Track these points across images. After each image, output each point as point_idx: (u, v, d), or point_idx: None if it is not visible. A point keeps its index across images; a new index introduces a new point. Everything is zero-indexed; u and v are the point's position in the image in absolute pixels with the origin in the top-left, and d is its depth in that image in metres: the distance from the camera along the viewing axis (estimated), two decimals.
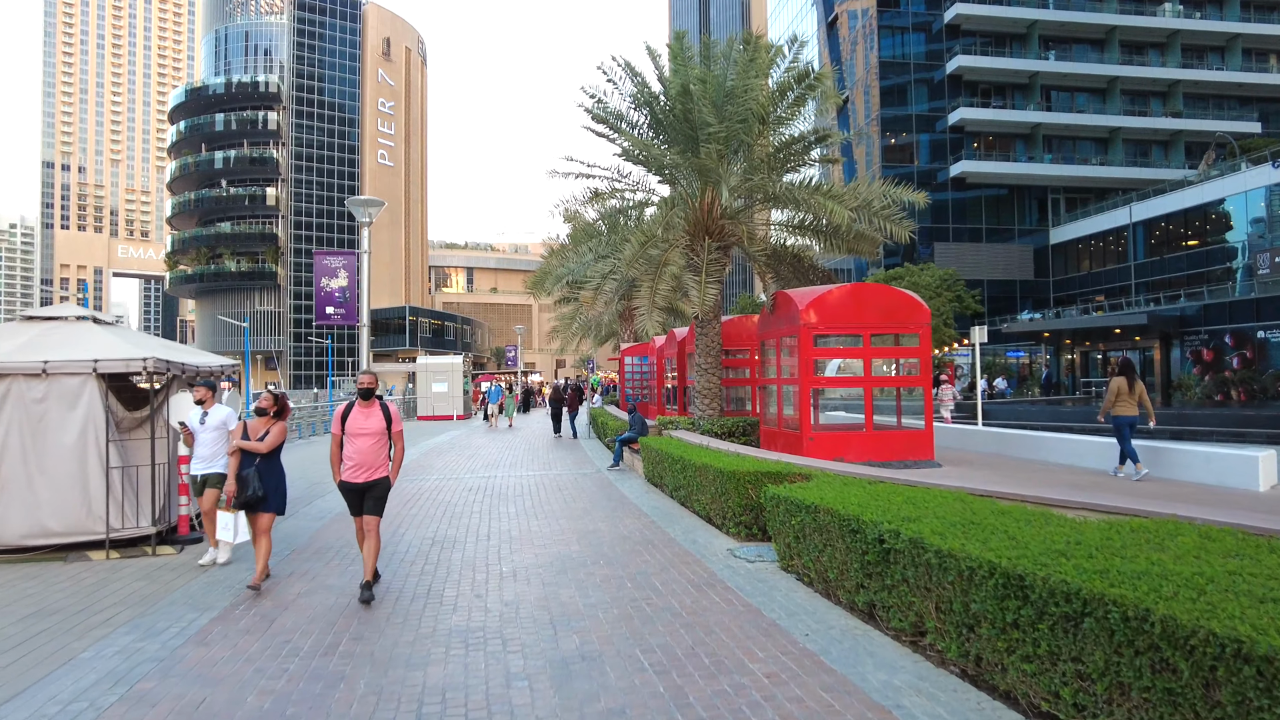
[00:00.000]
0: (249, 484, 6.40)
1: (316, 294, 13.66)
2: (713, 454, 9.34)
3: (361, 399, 6.30)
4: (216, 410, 7.62)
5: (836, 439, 11.54)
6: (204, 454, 7.58)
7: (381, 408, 6.35)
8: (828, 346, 12.78)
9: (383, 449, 6.26)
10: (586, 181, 14.17)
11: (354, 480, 6.19)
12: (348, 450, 6.19)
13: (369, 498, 6.23)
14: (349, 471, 6.19)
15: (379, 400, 6.41)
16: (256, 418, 6.68)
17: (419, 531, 8.79)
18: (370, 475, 6.20)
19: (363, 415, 6.25)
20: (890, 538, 4.82)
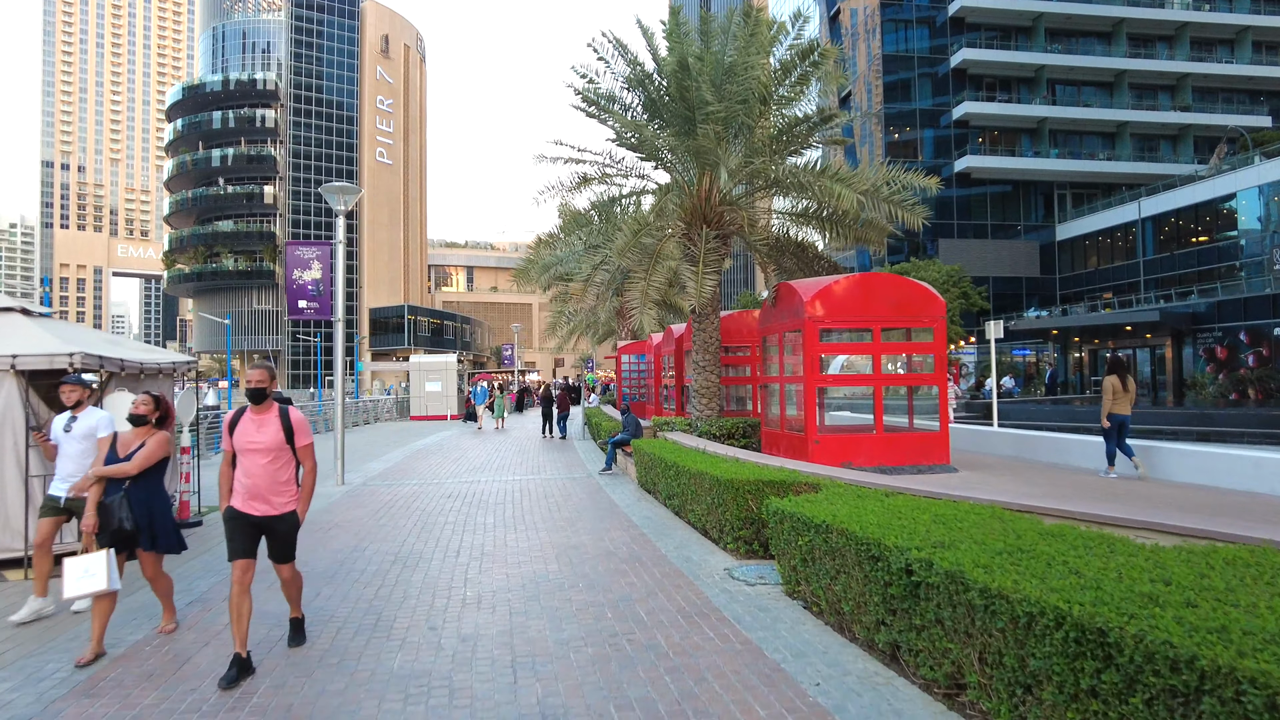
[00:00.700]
0: (114, 515, 4.88)
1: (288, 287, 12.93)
2: (709, 459, 8.47)
3: (251, 403, 4.76)
4: (89, 415, 5.95)
5: (844, 442, 10.66)
6: (67, 470, 5.78)
7: (280, 415, 4.77)
8: (834, 342, 11.92)
9: (286, 471, 4.76)
10: (576, 167, 13.32)
11: (247, 510, 4.66)
12: (239, 470, 4.71)
13: (271, 541, 4.77)
14: (241, 497, 4.67)
15: (278, 405, 4.85)
16: (132, 428, 5.25)
17: (383, 546, 7.93)
18: (267, 508, 4.66)
19: (253, 424, 4.71)
20: (921, 569, 3.95)
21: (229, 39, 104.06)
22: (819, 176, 11.16)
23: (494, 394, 26.43)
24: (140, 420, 5.19)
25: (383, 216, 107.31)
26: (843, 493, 6.05)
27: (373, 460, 16.62)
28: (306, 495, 4.92)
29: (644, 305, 11.45)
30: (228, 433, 4.77)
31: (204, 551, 7.90)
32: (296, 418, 4.84)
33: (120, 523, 4.89)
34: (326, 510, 10.27)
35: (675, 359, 18.04)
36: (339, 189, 12.71)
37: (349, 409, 31.95)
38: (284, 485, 4.75)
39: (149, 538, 5.06)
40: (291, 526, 4.83)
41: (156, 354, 9.15)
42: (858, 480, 6.99)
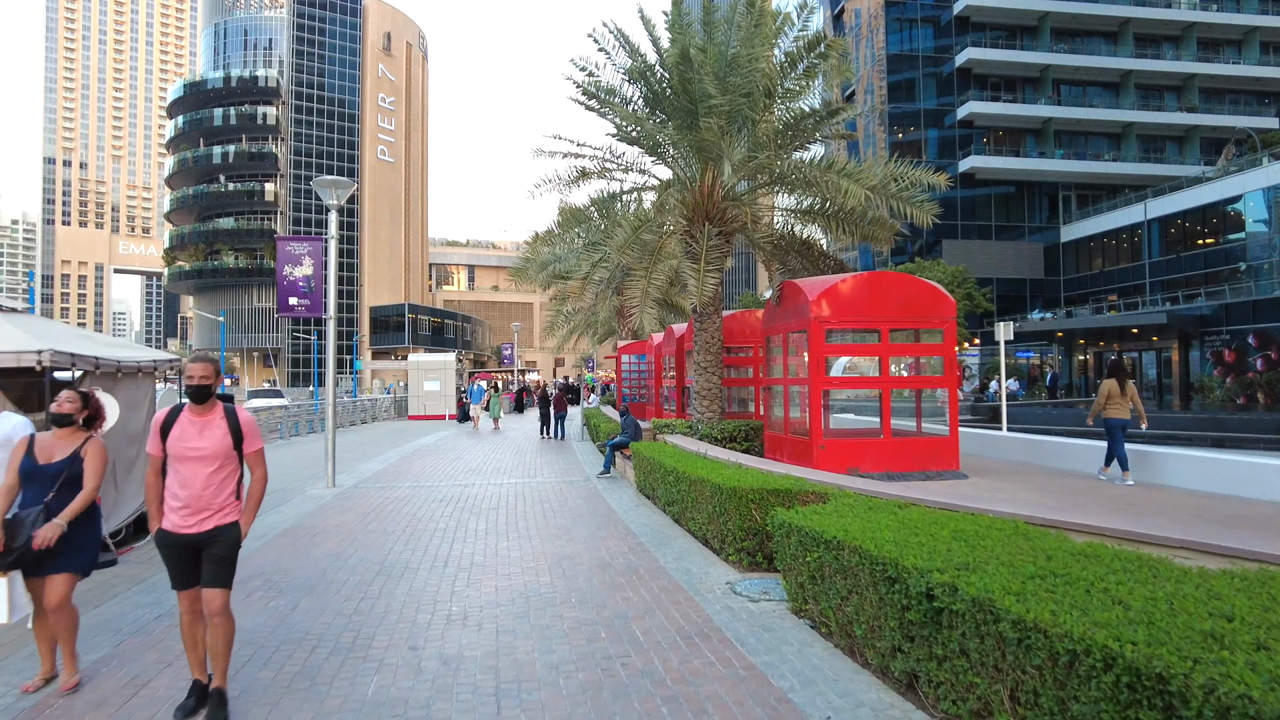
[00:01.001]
0: (23, 531, 4.11)
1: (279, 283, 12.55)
2: (710, 465, 8.11)
3: (193, 402, 4.04)
4: (3, 420, 5.29)
5: (850, 447, 10.29)
6: None
7: (226, 416, 4.09)
8: (841, 343, 11.55)
9: (230, 481, 4.05)
10: (575, 161, 12.94)
11: (181, 529, 3.90)
12: (172, 482, 3.95)
13: (206, 559, 3.93)
14: (174, 515, 3.91)
15: (223, 405, 4.16)
16: (55, 430, 4.47)
17: (368, 554, 7.57)
18: (204, 522, 3.92)
19: (194, 427, 3.98)
20: (944, 594, 3.59)
21: (231, 35, 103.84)
22: (825, 171, 10.79)
23: (490, 394, 25.89)
24: (65, 420, 4.46)
25: (384, 215, 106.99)
26: (853, 504, 5.68)
27: (367, 461, 16.28)
28: (253, 507, 4.14)
29: (644, 304, 11.09)
30: (159, 436, 4.00)
31: None
32: (245, 419, 4.15)
33: (24, 542, 4.09)
34: (314, 514, 9.92)
35: (676, 359, 17.68)
36: (331, 183, 12.36)
37: (346, 408, 31.58)
38: (226, 498, 4.03)
39: (65, 559, 4.23)
40: (231, 541, 4.01)
41: (135, 351, 8.80)
42: (868, 490, 6.63)
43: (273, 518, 9.72)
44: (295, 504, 10.82)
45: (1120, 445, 10.03)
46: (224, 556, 3.97)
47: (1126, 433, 10.13)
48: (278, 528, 9.04)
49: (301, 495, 11.61)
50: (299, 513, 10.07)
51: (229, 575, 4.01)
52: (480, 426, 25.73)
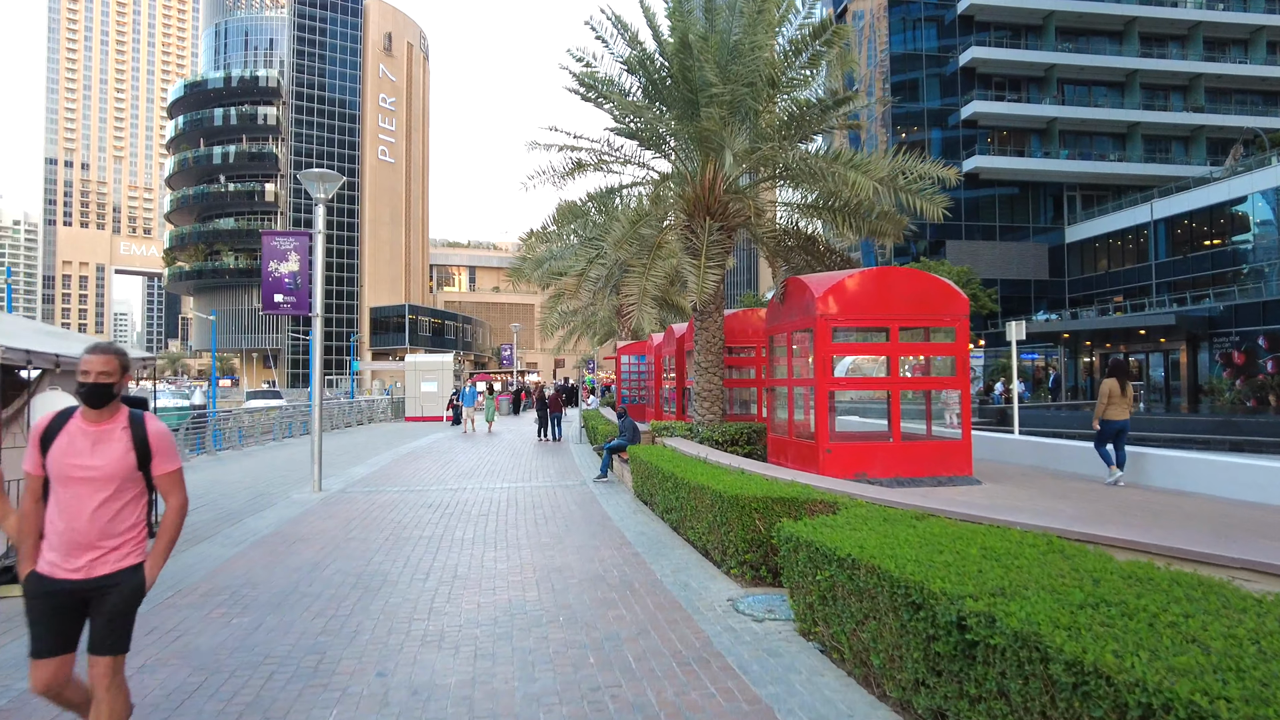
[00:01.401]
0: None
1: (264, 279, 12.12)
2: (710, 471, 7.63)
3: (87, 406, 3.07)
4: None
5: (858, 451, 9.81)
6: None
7: (132, 425, 3.11)
8: (848, 342, 11.08)
9: (130, 512, 3.10)
10: (572, 154, 12.47)
11: (60, 574, 2.97)
12: (52, 510, 3.01)
13: (95, 616, 3.00)
14: (52, 555, 2.98)
15: (129, 412, 3.17)
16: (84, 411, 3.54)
17: (347, 564, 7.09)
18: (94, 565, 2.98)
19: (86, 440, 3.03)
20: (978, 625, 3.10)
21: (231, 35, 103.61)
22: (832, 163, 10.31)
23: (484, 396, 25.27)
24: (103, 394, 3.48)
25: (384, 215, 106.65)
26: (866, 515, 5.20)
27: (358, 464, 15.81)
28: (164, 547, 3.17)
29: (642, 301, 10.62)
30: (38, 450, 3.02)
31: None
32: (155, 431, 3.15)
33: None
34: (296, 520, 9.45)
35: (676, 360, 17.21)
36: (319, 176, 11.90)
37: (342, 410, 31.15)
38: (127, 533, 3.07)
39: None
40: (131, 592, 3.04)
41: None
42: (881, 499, 6.14)
43: (253, 524, 9.26)
44: (278, 509, 10.36)
45: (1119, 446, 9.89)
46: (120, 612, 3.01)
47: (1126, 434, 9.96)
48: (256, 534, 8.57)
49: (286, 500, 11.15)
50: (280, 518, 9.61)
51: (125, 637, 3.05)
52: (474, 429, 25.07)
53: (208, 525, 9.19)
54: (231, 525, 9.17)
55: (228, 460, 17.04)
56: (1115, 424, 9.78)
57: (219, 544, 8.13)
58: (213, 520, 9.53)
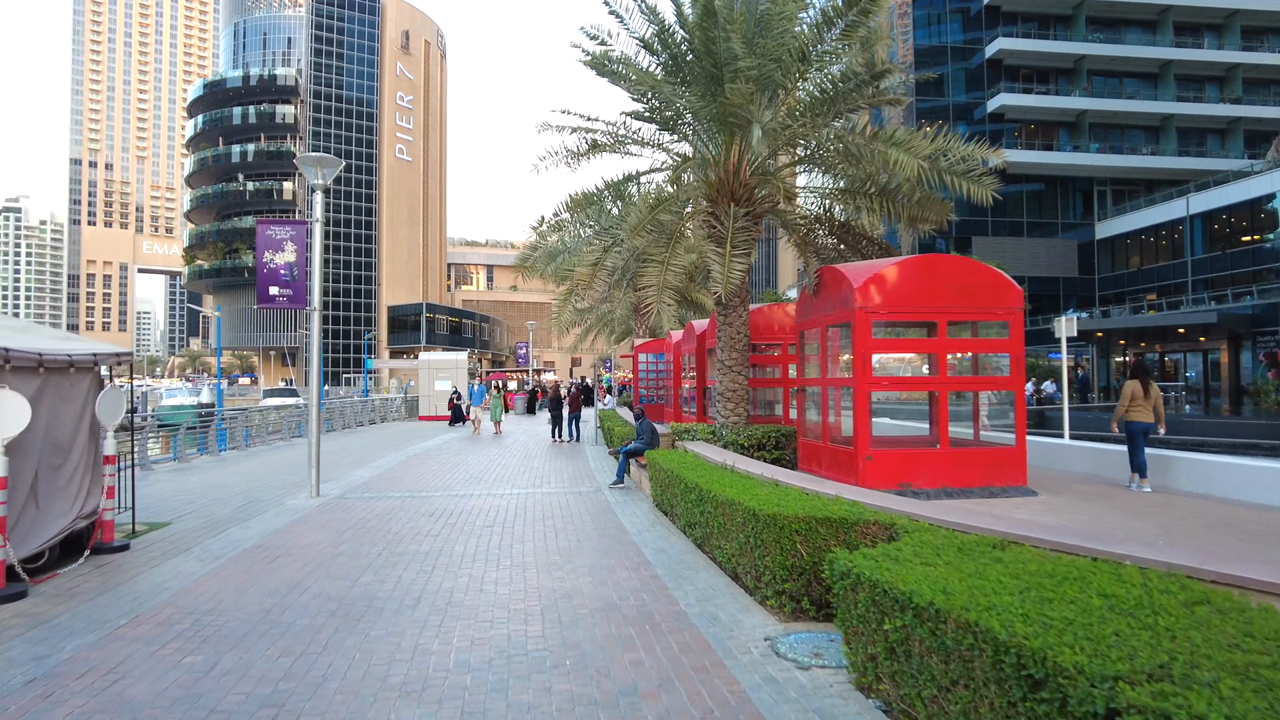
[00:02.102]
0: None
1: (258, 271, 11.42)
2: (740, 482, 6.74)
3: None
4: None
5: (902, 458, 8.87)
6: None
7: None
8: (890, 337, 10.15)
9: None
10: (586, 135, 11.62)
11: None
12: None
13: None
14: None
15: None
16: None
17: (328, 587, 6.28)
18: None
19: None
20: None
21: (250, 35, 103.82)
22: (871, 140, 9.38)
23: (491, 395, 24.05)
24: None
25: (402, 214, 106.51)
26: (935, 544, 4.30)
27: (362, 467, 15.06)
28: None
29: (661, 294, 9.75)
30: None
31: (105, 589, 6.29)
32: None
33: None
34: (284, 531, 8.67)
35: (697, 358, 16.30)
36: (316, 160, 11.14)
37: (354, 409, 30.49)
38: None
39: None
40: None
41: (69, 343, 7.58)
42: (942, 520, 5.23)
43: (237, 534, 8.48)
44: (268, 517, 9.59)
45: (1140, 450, 9.52)
46: None
47: (1148, 437, 9.63)
48: (237, 548, 7.79)
49: (279, 507, 10.38)
50: (267, 529, 8.83)
51: None
52: (480, 430, 23.89)
53: (189, 535, 8.43)
54: (214, 536, 8.40)
55: (230, 461, 16.36)
56: (1138, 426, 9.43)
57: (195, 558, 7.35)
58: (196, 529, 8.77)
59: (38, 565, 6.79)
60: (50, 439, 7.03)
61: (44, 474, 6.93)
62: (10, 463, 6.33)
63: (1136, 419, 9.45)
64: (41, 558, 6.83)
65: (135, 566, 7.06)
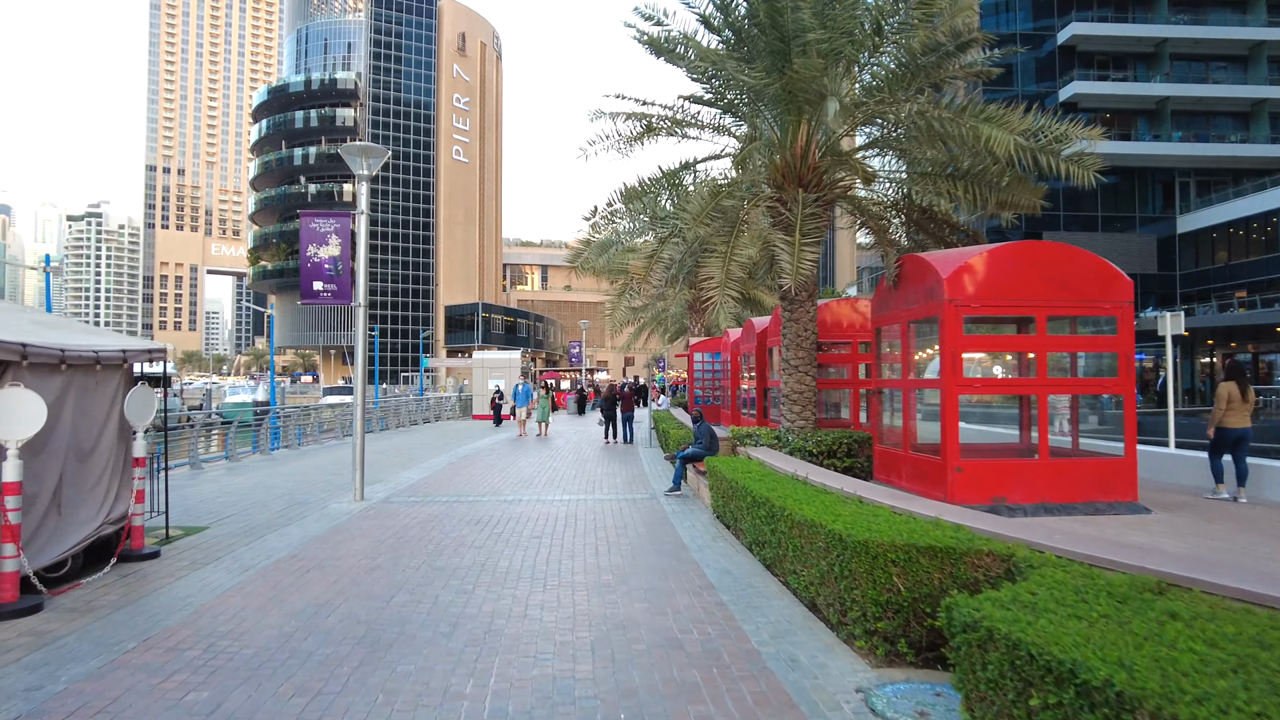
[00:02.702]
0: None
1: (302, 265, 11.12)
2: (817, 498, 5.92)
3: None
4: None
5: (996, 470, 7.92)
6: None
7: None
8: (982, 334, 9.18)
9: None
10: (640, 120, 10.89)
11: None
12: None
13: None
14: None
15: None
16: None
17: (358, 607, 5.69)
18: None
19: None
20: None
21: (312, 40, 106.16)
22: (959, 115, 8.44)
23: (539, 394, 22.75)
24: None
25: (458, 215, 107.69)
26: (1073, 584, 3.45)
27: (410, 468, 14.64)
28: None
29: (724, 287, 8.95)
30: None
31: (124, 604, 5.81)
32: None
33: None
34: (322, 539, 8.17)
35: (757, 358, 15.44)
36: (361, 149, 10.71)
37: (408, 408, 30.40)
38: None
39: None
40: None
41: (97, 338, 7.18)
42: (1068, 551, 4.35)
43: (273, 542, 8.01)
44: (308, 522, 9.13)
45: (1242, 458, 8.80)
46: None
47: (1247, 444, 8.89)
48: (269, 558, 7.30)
49: (321, 510, 9.94)
50: (305, 535, 8.34)
51: None
52: (525, 431, 22.76)
53: (223, 542, 7.99)
54: (249, 544, 7.94)
55: (280, 461, 16.15)
56: (1234, 432, 8.74)
57: (223, 569, 6.87)
58: (232, 536, 8.34)
59: (59, 574, 6.38)
60: (75, 440, 6.62)
61: (68, 477, 6.52)
62: (29, 466, 5.92)
63: (1234, 425, 8.70)
64: (64, 566, 6.43)
65: (160, 577, 6.60)
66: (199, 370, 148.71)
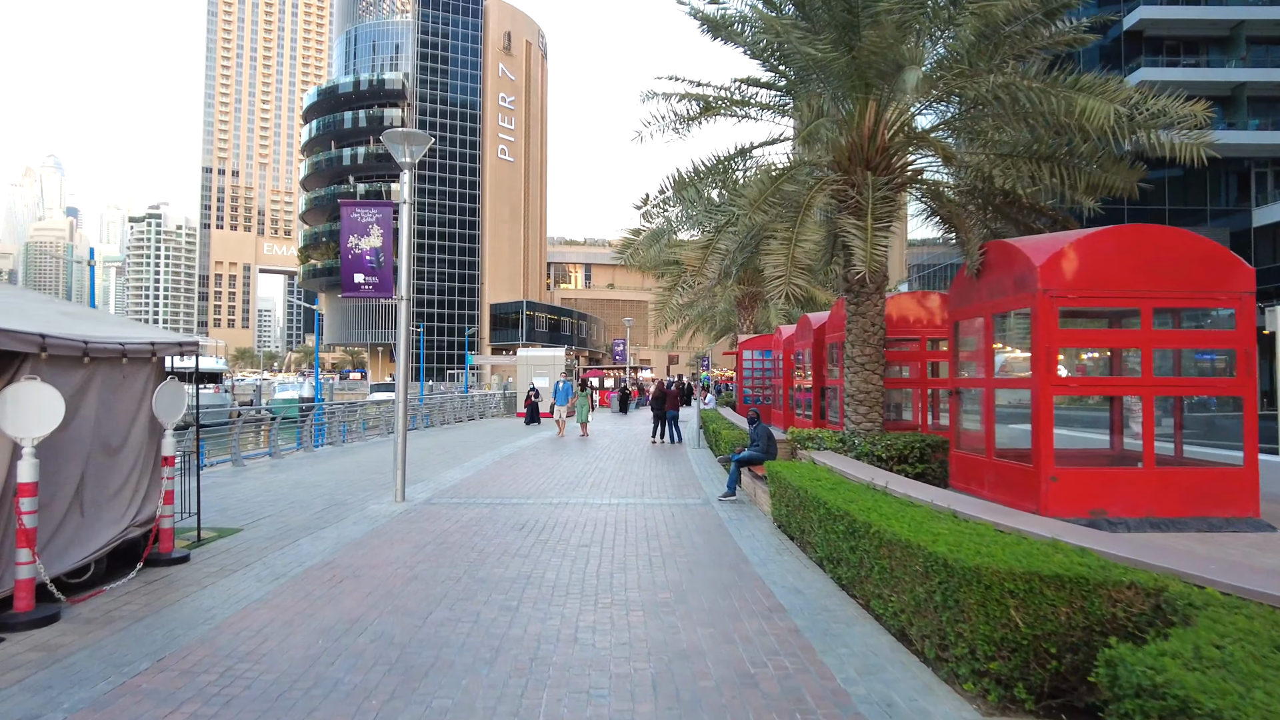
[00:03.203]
0: None
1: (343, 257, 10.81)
2: (905, 513, 5.22)
3: None
4: None
5: (1094, 479, 7.10)
6: None
7: None
8: (1078, 328, 8.33)
9: None
10: (697, 101, 10.24)
11: None
12: None
13: None
14: None
15: None
16: None
17: (392, 626, 5.17)
18: None
19: None
20: None
21: (360, 41, 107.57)
22: (1051, 86, 7.63)
23: (578, 393, 21.64)
24: None
25: (504, 213, 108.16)
26: (1269, 634, 2.73)
27: (453, 467, 14.22)
28: None
29: (789, 276, 8.25)
30: None
31: (144, 614, 5.39)
32: None
33: None
34: (359, 544, 7.71)
35: (813, 355, 14.66)
36: (403, 135, 10.24)
37: (453, 405, 30.23)
38: None
39: None
40: None
41: (124, 329, 6.80)
42: (1243, 588, 3.60)
43: (307, 547, 7.58)
44: (346, 525, 8.70)
45: None
46: None
47: None
48: (302, 564, 6.85)
49: (360, 512, 9.53)
50: (342, 539, 7.90)
51: None
52: (565, 432, 21.51)
53: (256, 546, 7.59)
54: (282, 548, 7.52)
55: (323, 458, 15.90)
56: None
57: (254, 576, 6.43)
58: (266, 539, 7.94)
59: (82, 580, 6.00)
60: (100, 438, 6.24)
61: (92, 477, 6.14)
62: (47, 466, 5.54)
63: None
64: (86, 571, 6.05)
65: (186, 585, 6.19)
66: (251, 367, 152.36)
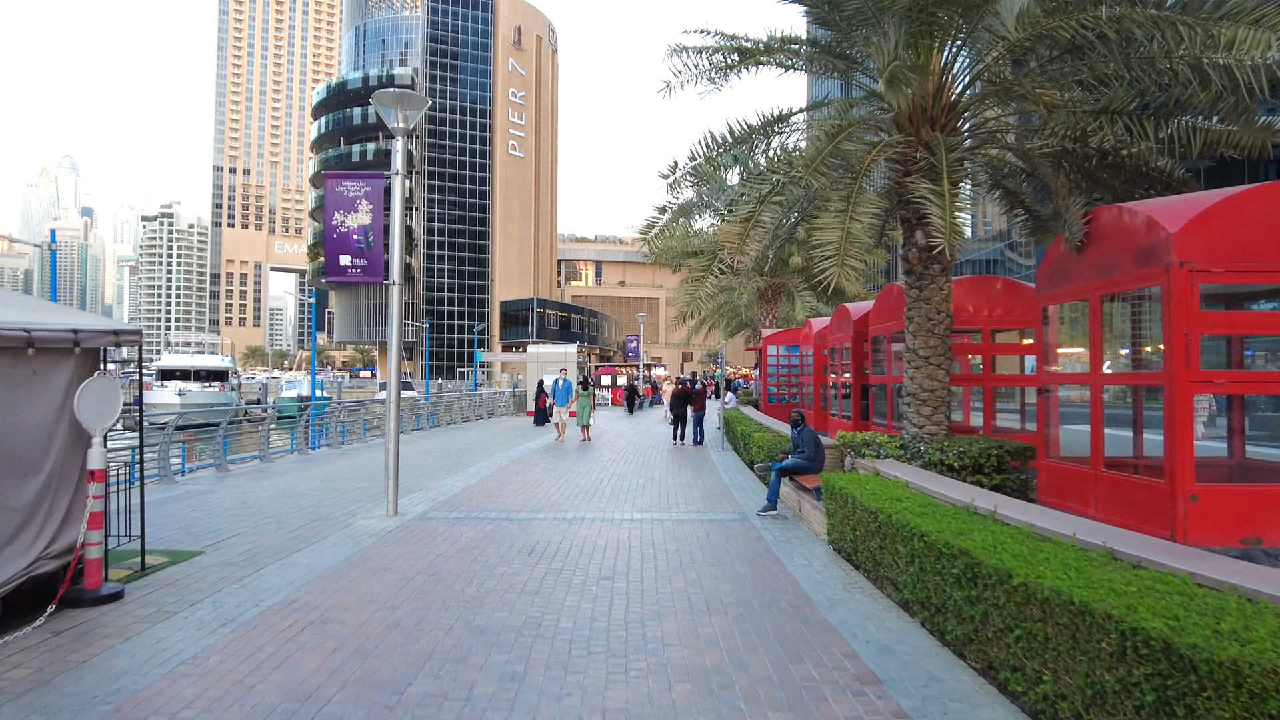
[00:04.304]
0: None
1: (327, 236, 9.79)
2: (1051, 556, 3.85)
3: None
4: None
5: (1248, 499, 5.71)
6: None
7: None
8: (1222, 310, 6.92)
9: None
10: (733, 55, 8.87)
11: None
12: None
13: None
14: None
15: None
16: None
17: (354, 701, 3.85)
18: None
19: None
20: None
21: (370, 37, 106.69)
22: (1183, 14, 6.20)
23: (578, 391, 19.61)
24: None
25: (514, 210, 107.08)
26: None
27: (457, 473, 12.93)
28: None
29: (845, 251, 6.88)
30: None
31: (37, 683, 4.09)
32: None
33: None
34: (335, 573, 6.40)
35: (853, 350, 13.27)
36: (395, 97, 8.96)
37: (460, 403, 28.95)
38: None
39: None
40: None
41: (36, 313, 5.50)
42: None
43: (272, 578, 6.27)
44: (324, 547, 7.40)
45: None
46: None
47: None
48: (260, 604, 5.55)
49: (344, 530, 8.22)
50: (315, 567, 6.59)
51: None
52: (565, 436, 19.38)
53: (211, 576, 6.29)
54: (241, 579, 6.22)
55: (317, 462, 14.65)
56: None
57: (192, 624, 5.13)
58: (226, 565, 6.64)
59: None
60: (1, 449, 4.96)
61: None
62: None
63: None
64: None
65: (105, 635, 4.89)
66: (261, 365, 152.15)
